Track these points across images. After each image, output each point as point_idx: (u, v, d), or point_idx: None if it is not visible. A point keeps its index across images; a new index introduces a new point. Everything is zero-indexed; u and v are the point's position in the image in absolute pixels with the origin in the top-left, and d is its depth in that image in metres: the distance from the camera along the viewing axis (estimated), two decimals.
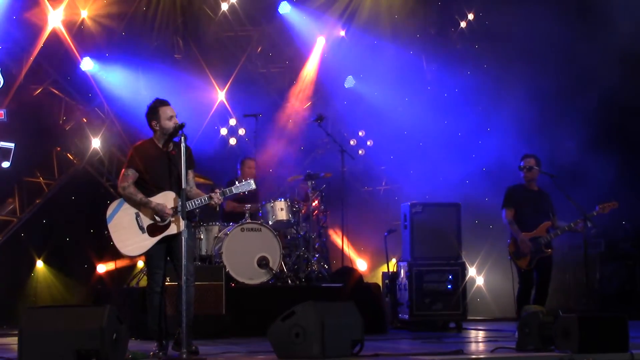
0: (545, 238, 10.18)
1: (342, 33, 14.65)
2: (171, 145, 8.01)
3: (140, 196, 7.86)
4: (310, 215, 12.19)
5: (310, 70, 14.68)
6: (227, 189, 8.12)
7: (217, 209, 10.28)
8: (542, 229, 10.21)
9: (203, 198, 7.93)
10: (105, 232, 7.90)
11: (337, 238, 13.55)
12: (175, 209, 7.80)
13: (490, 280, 14.58)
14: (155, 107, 8.01)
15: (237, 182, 8.27)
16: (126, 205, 7.91)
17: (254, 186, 8.28)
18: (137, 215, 7.87)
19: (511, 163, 11.38)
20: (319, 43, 14.64)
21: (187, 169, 7.78)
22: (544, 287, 10.25)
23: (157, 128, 7.99)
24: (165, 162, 7.94)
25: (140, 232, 7.86)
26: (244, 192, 8.29)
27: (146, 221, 7.88)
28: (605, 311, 11.76)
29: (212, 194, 7.93)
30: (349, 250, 13.58)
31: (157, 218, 7.85)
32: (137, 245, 7.85)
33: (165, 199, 7.87)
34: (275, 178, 14.15)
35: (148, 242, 7.85)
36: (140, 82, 13.31)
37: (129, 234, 7.85)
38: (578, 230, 10.19)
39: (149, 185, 7.92)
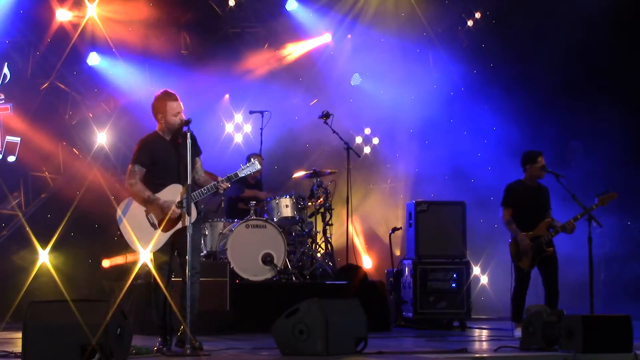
0: (546, 237, 9.97)
1: (349, 36, 14.65)
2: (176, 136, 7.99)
3: (147, 194, 7.84)
4: (316, 212, 12.19)
5: (292, 52, 14.62)
6: (232, 174, 8.07)
7: (223, 198, 10.25)
8: (542, 227, 10.00)
9: (210, 186, 7.92)
10: (118, 233, 7.86)
11: (342, 235, 13.54)
12: (182, 202, 7.79)
13: (495, 279, 14.55)
14: (163, 100, 7.97)
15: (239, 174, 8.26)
16: (135, 204, 7.90)
17: (258, 166, 8.26)
18: (147, 212, 7.87)
19: (516, 162, 11.33)
20: (323, 39, 14.64)
21: (193, 156, 7.77)
22: (553, 286, 10.01)
23: (162, 122, 7.98)
24: (172, 154, 7.91)
25: (153, 228, 7.84)
26: (250, 173, 8.26)
27: (156, 216, 7.87)
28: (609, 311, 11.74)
29: (219, 181, 7.92)
30: (353, 248, 13.57)
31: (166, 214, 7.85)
32: (152, 242, 7.80)
33: (173, 193, 7.87)
34: (281, 175, 14.15)
35: (162, 237, 7.83)
36: (146, 78, 13.31)
37: (141, 231, 7.80)
38: (568, 232, 9.93)
39: (155, 179, 7.91)
